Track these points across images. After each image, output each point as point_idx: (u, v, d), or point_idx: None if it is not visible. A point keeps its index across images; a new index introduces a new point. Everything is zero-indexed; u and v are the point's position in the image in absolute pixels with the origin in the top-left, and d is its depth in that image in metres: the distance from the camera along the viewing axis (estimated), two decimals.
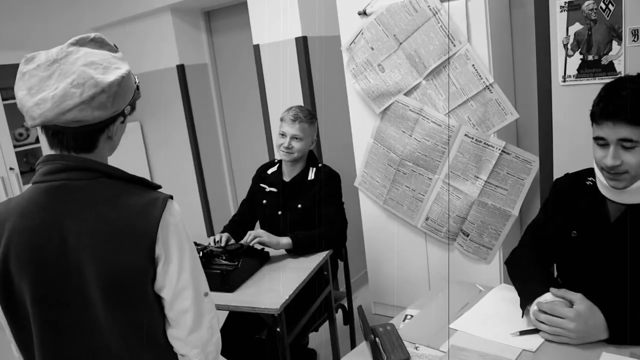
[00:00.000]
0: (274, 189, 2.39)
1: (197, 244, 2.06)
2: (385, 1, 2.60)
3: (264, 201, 2.41)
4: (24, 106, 1.04)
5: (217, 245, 2.16)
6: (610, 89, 1.30)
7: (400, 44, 2.59)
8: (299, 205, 2.31)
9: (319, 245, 2.18)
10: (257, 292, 1.89)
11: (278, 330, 1.82)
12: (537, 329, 1.32)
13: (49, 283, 1.07)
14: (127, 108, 1.14)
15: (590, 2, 2.03)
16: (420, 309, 1.56)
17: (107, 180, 1.11)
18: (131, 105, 1.16)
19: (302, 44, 3.07)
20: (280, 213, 2.36)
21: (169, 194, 1.15)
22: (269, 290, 1.88)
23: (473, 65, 2.40)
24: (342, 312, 2.58)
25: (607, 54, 2.04)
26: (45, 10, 4.17)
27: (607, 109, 1.27)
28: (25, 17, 4.04)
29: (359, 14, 2.70)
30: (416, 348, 1.35)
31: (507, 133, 2.55)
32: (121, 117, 1.14)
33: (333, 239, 2.23)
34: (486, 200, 2.52)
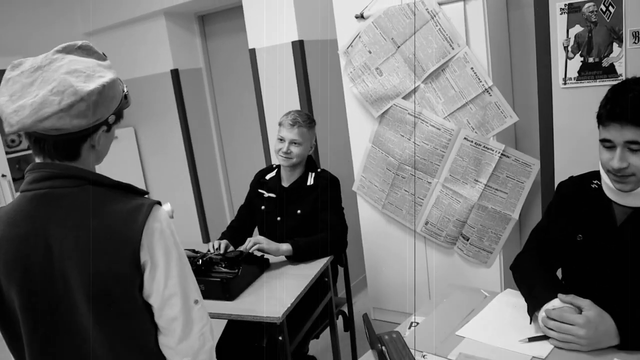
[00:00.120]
0: (272, 195, 2.37)
1: (196, 252, 2.04)
2: (383, 4, 2.58)
3: (263, 207, 2.38)
4: (4, 112, 1.03)
5: (216, 252, 2.13)
6: (617, 91, 1.29)
7: (398, 47, 2.57)
8: (299, 211, 2.29)
9: (319, 252, 2.16)
10: (257, 300, 1.86)
11: (280, 339, 1.79)
12: (546, 335, 1.30)
13: (36, 291, 1.07)
14: (111, 117, 1.11)
15: (591, 4, 2.02)
16: (425, 315, 1.54)
17: (92, 188, 1.10)
18: (117, 114, 1.13)
19: (298, 47, 3.05)
20: (279, 219, 2.34)
21: (157, 200, 1.14)
22: (270, 298, 1.85)
23: (472, 68, 2.38)
24: (342, 319, 2.55)
25: (607, 56, 2.03)
26: (39, 15, 4.12)
27: (614, 111, 1.26)
28: (18, 22, 3.99)
29: (356, 17, 2.69)
30: (423, 356, 1.32)
31: (505, 136, 2.53)
32: (104, 126, 1.11)
33: (334, 244, 2.21)
34: (486, 203, 2.51)
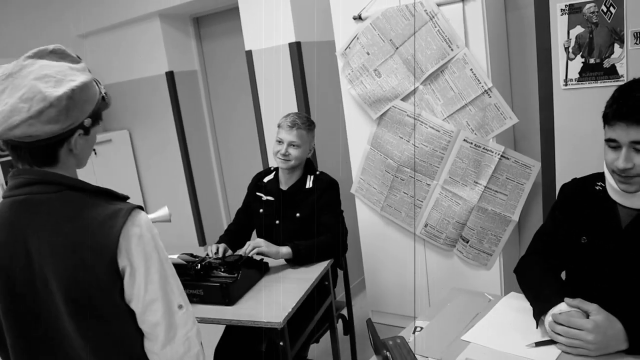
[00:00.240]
0: (271, 198, 2.34)
1: (195, 256, 2.01)
2: (381, 5, 2.57)
3: (261, 210, 2.36)
4: None
5: (215, 256, 2.10)
6: (624, 91, 1.28)
7: (397, 48, 2.56)
8: (298, 214, 2.26)
9: (319, 255, 2.13)
10: (257, 305, 1.83)
11: (281, 344, 1.77)
12: (553, 340, 1.29)
13: (19, 296, 1.08)
14: (87, 120, 1.09)
15: (592, 4, 2.01)
16: (429, 320, 1.52)
17: (70, 193, 1.08)
18: (93, 117, 1.11)
19: (295, 49, 3.03)
20: (278, 222, 2.31)
21: (137, 204, 1.13)
22: (270, 303, 1.83)
23: (471, 69, 2.37)
24: (342, 322, 2.53)
25: (609, 57, 2.02)
26: (32, 18, 4.08)
27: (620, 111, 1.25)
28: (11, 25, 3.95)
29: (354, 18, 2.67)
30: None
31: (504, 137, 2.52)
32: (80, 130, 1.09)
33: (334, 247, 2.18)
34: (486, 205, 2.49)
